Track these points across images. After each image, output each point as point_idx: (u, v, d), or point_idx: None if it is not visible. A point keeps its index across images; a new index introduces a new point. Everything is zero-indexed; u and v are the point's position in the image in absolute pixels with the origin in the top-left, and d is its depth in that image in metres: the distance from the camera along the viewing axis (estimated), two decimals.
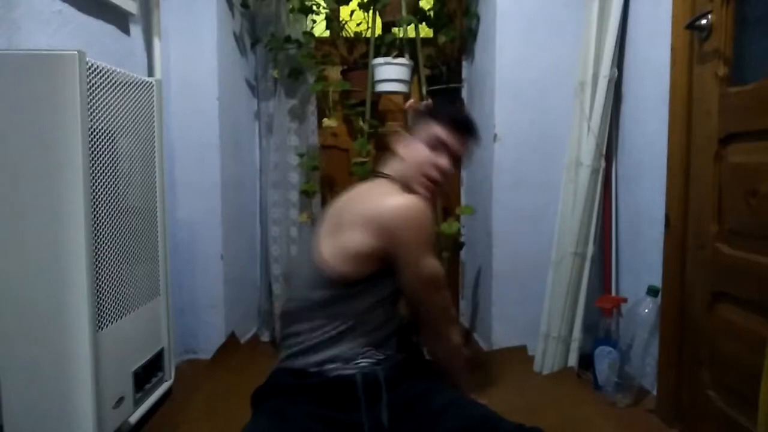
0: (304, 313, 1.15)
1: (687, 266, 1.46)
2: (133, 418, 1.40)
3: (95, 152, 1.16)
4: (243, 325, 2.20)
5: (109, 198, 1.23)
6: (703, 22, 1.36)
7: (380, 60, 2.13)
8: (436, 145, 1.20)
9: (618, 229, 1.87)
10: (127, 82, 1.32)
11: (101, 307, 1.19)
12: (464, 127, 1.23)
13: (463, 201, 2.40)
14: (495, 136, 1.94)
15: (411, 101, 2.07)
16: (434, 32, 2.29)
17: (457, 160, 1.23)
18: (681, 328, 1.49)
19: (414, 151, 1.21)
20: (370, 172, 1.46)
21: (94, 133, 1.16)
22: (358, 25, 2.34)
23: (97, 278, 1.16)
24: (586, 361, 1.80)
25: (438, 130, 1.20)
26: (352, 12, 2.35)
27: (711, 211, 1.36)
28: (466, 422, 1.03)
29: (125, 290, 1.31)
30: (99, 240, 1.18)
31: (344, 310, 1.13)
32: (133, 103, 1.36)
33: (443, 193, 1.31)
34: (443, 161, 1.19)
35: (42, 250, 1.10)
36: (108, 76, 1.22)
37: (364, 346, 1.14)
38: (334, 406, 1.09)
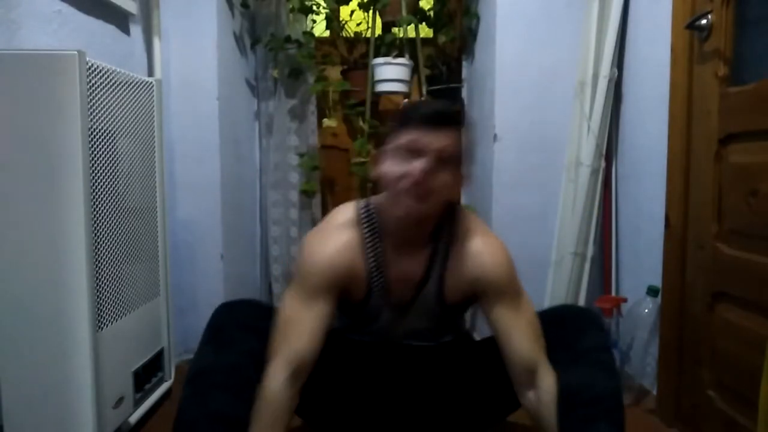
0: None
1: (687, 266, 1.46)
2: (133, 418, 1.40)
3: (95, 152, 1.16)
4: None
5: (109, 198, 1.23)
6: (703, 22, 1.36)
7: (380, 60, 2.13)
8: (403, 152, 1.04)
9: (618, 229, 1.87)
10: (127, 82, 1.32)
11: (101, 307, 1.19)
12: (431, 120, 1.03)
13: (463, 201, 2.40)
14: (495, 136, 1.94)
15: (405, 101, 2.07)
16: (434, 32, 2.29)
17: (443, 159, 1.03)
18: (681, 328, 1.49)
19: (386, 169, 1.06)
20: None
21: (94, 133, 1.16)
22: (358, 25, 2.34)
23: (97, 278, 1.16)
24: None
25: (403, 135, 1.04)
26: (352, 12, 2.35)
27: (711, 211, 1.36)
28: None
29: (125, 290, 1.31)
30: (99, 240, 1.18)
31: None
32: (133, 103, 1.36)
33: (441, 190, 1.06)
34: (415, 165, 1.01)
35: (42, 250, 1.10)
36: (108, 76, 1.22)
37: None
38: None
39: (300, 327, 1.06)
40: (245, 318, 1.15)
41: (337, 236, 1.13)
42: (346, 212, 1.18)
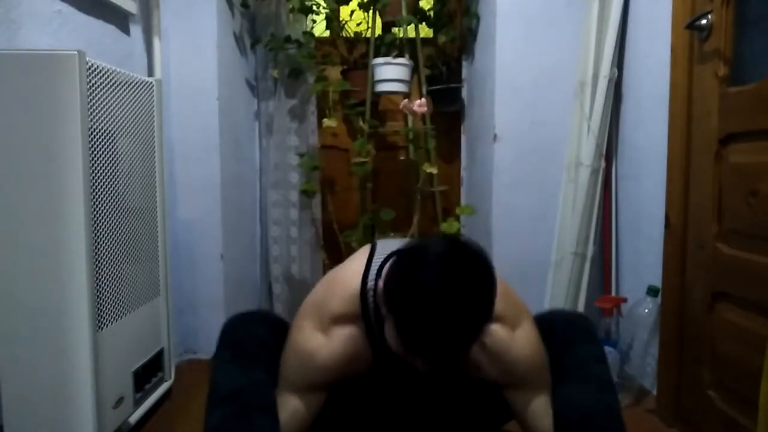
0: None
1: (687, 266, 1.46)
2: (133, 418, 1.40)
3: (95, 152, 1.16)
4: None
5: (109, 198, 1.23)
6: (703, 22, 1.36)
7: (380, 60, 2.13)
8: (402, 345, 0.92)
9: (618, 229, 1.87)
10: (127, 82, 1.32)
11: (101, 307, 1.19)
12: (431, 362, 0.91)
13: (463, 201, 2.40)
14: (495, 136, 1.94)
15: (405, 101, 2.07)
16: (434, 32, 2.29)
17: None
18: (681, 328, 1.49)
19: (388, 334, 0.94)
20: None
21: (94, 133, 1.16)
22: (358, 25, 2.34)
23: (97, 278, 1.16)
24: None
25: (395, 334, 0.90)
26: (352, 12, 2.34)
27: (711, 211, 1.36)
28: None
29: (125, 290, 1.31)
30: (99, 240, 1.18)
31: None
32: (133, 103, 1.36)
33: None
34: (423, 367, 0.93)
35: (42, 250, 1.10)
36: (108, 76, 1.22)
37: None
38: None
39: (283, 419, 1.03)
40: (261, 332, 1.12)
41: (335, 334, 1.03)
42: (347, 296, 1.04)
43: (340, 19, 2.37)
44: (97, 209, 1.17)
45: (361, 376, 1.17)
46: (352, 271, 1.06)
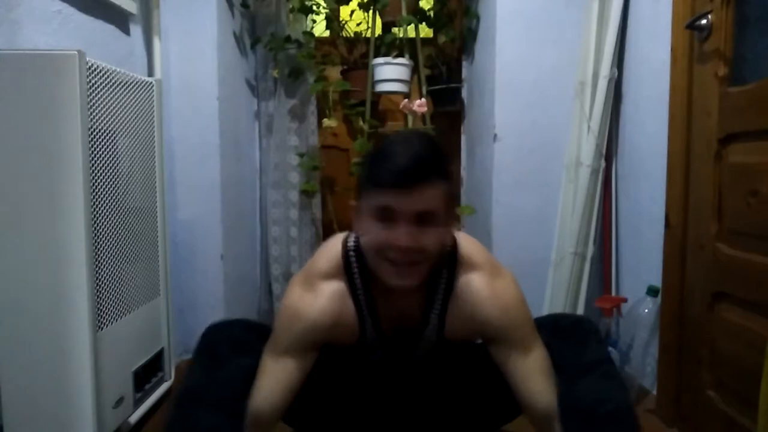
0: None
1: (687, 266, 1.46)
2: (133, 418, 1.40)
3: (95, 152, 1.17)
4: None
5: (109, 198, 1.23)
6: (703, 22, 1.36)
7: (380, 60, 2.13)
8: (382, 214, 0.94)
9: (618, 229, 1.87)
10: (127, 82, 1.32)
11: (101, 307, 1.19)
12: (403, 182, 0.91)
13: (463, 201, 2.40)
14: (495, 136, 1.94)
15: (405, 101, 2.07)
16: (434, 32, 2.30)
17: (425, 218, 0.94)
18: (681, 328, 1.49)
19: (364, 230, 0.99)
20: None
21: (94, 133, 1.16)
22: (358, 25, 2.34)
23: (97, 278, 1.16)
24: None
25: (374, 196, 0.95)
26: (352, 12, 2.35)
27: (711, 211, 1.36)
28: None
29: (125, 290, 1.31)
30: (99, 240, 1.18)
31: None
32: (133, 103, 1.36)
33: (429, 249, 0.97)
34: (399, 235, 0.93)
35: (42, 249, 1.10)
36: (108, 76, 1.22)
37: None
38: None
39: (266, 381, 1.03)
40: (236, 336, 1.12)
41: (322, 289, 1.06)
42: (332, 256, 1.09)
43: (340, 19, 2.37)
44: (97, 209, 1.17)
45: (353, 371, 1.19)
46: (334, 239, 1.14)
